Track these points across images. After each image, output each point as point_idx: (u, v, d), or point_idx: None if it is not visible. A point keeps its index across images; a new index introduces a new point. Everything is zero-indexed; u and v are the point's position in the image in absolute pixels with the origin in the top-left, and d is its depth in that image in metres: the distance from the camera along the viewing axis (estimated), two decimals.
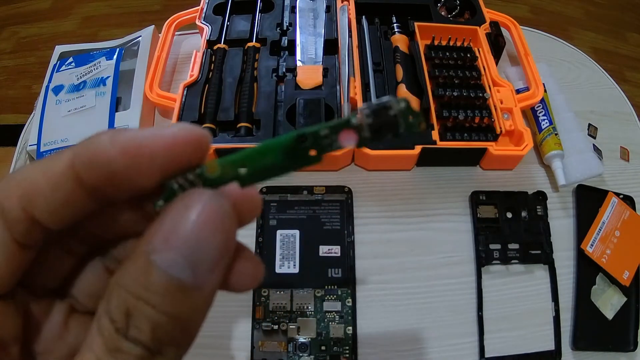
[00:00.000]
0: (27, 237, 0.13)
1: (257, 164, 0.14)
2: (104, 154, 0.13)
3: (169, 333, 0.12)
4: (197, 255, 0.12)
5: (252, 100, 0.49)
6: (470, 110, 0.48)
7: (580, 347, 0.42)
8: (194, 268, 0.12)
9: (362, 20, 0.56)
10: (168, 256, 0.12)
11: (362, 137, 0.14)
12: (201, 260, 0.12)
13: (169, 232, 0.12)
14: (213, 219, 0.13)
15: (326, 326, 0.41)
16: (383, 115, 0.14)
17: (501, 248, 0.45)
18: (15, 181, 0.13)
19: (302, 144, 0.14)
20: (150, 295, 0.12)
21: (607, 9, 1.63)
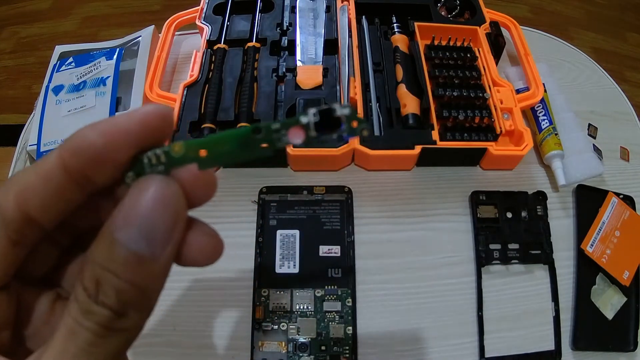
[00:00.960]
0: (21, 236, 0.15)
1: (216, 150, 0.16)
2: (85, 139, 0.15)
3: (131, 298, 0.15)
4: (150, 230, 0.15)
5: (252, 100, 0.49)
6: (470, 110, 0.48)
7: (580, 347, 0.42)
8: (149, 242, 0.14)
9: (362, 20, 0.56)
10: (127, 232, 0.14)
11: (308, 135, 0.16)
12: (154, 234, 0.15)
13: (127, 212, 0.15)
14: (163, 199, 0.15)
15: (326, 326, 0.41)
16: (329, 117, 0.16)
17: (501, 248, 0.45)
18: (11, 182, 0.15)
19: (256, 136, 0.16)
20: (115, 266, 0.14)
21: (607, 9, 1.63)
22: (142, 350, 0.41)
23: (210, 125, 0.47)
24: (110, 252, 0.14)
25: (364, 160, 0.48)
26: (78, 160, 0.15)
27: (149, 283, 0.15)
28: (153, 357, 0.41)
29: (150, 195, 0.15)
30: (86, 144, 0.15)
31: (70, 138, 0.15)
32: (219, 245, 0.18)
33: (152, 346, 0.41)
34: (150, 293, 0.15)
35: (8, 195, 0.15)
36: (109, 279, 0.14)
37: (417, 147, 0.45)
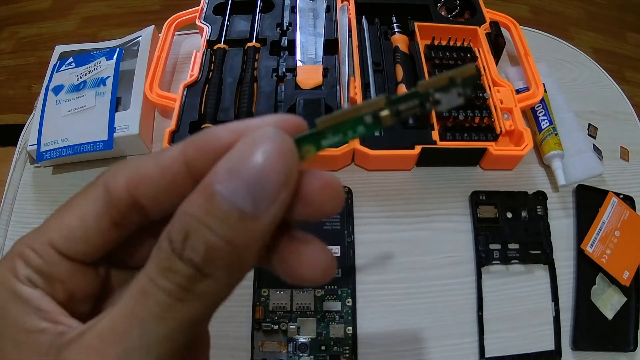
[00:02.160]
0: (124, 219, 0.15)
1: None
2: (215, 136, 0.14)
3: (222, 257, 0.13)
4: (258, 185, 0.13)
5: (252, 100, 0.49)
6: (470, 110, 0.48)
7: (580, 347, 0.42)
8: (255, 197, 0.13)
9: (362, 20, 0.56)
10: (231, 185, 0.13)
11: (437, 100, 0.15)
12: (262, 190, 0.13)
13: (234, 164, 0.13)
14: (277, 152, 0.13)
15: (326, 326, 0.41)
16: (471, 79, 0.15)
17: (501, 248, 0.45)
18: (126, 166, 0.15)
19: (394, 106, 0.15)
20: (210, 219, 0.13)
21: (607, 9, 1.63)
22: None
23: (210, 125, 0.47)
24: (209, 204, 0.13)
25: (364, 160, 0.48)
26: (202, 157, 0.14)
27: (246, 243, 0.13)
28: None
29: (264, 148, 0.13)
30: (216, 140, 0.14)
31: (199, 134, 0.14)
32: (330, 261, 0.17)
33: None
34: (243, 255, 0.13)
35: (118, 177, 0.15)
36: (202, 232, 0.13)
37: (417, 147, 0.45)
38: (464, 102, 0.15)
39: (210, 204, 0.13)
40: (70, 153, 0.47)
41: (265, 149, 0.13)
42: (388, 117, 0.15)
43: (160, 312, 0.13)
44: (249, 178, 0.13)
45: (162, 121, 0.54)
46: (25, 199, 0.49)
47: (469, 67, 0.15)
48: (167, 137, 0.46)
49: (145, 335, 0.13)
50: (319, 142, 0.16)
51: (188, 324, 0.13)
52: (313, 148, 0.16)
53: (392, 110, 0.15)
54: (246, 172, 0.13)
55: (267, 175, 0.13)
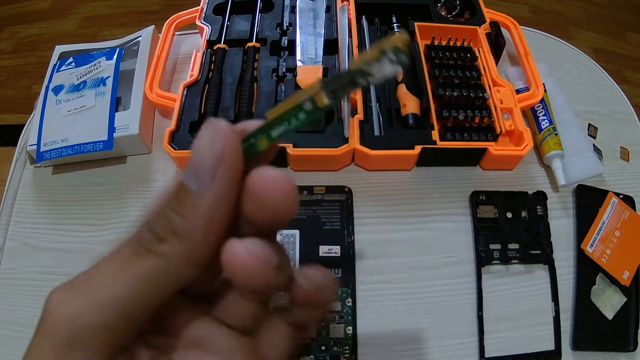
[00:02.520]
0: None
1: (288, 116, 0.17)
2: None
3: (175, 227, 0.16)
4: (197, 165, 0.16)
5: (252, 100, 0.49)
6: (470, 110, 0.48)
7: (580, 347, 0.42)
8: (196, 175, 0.16)
9: (362, 20, 0.56)
10: (186, 172, 0.16)
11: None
12: (201, 169, 0.15)
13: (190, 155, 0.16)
14: (210, 134, 0.16)
15: (326, 326, 0.41)
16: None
17: (501, 248, 0.45)
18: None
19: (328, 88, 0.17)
20: (169, 197, 0.16)
21: (607, 9, 1.63)
22: None
23: None
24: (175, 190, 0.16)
25: (364, 160, 0.48)
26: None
27: (195, 215, 0.15)
28: None
29: (200, 135, 0.16)
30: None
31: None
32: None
33: None
34: (194, 226, 0.16)
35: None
36: (165, 210, 0.16)
37: (417, 147, 0.45)
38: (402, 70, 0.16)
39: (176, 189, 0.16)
40: (70, 153, 0.47)
41: (202, 136, 0.16)
42: (324, 99, 0.16)
43: (126, 263, 0.16)
44: (191, 159, 0.16)
45: (162, 121, 0.54)
46: (25, 199, 0.49)
47: (399, 35, 0.15)
48: (167, 137, 0.46)
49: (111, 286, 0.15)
50: (269, 133, 0.17)
51: (146, 279, 0.15)
52: (265, 138, 0.17)
53: (327, 92, 0.16)
54: (191, 155, 0.16)
55: (203, 156, 0.16)
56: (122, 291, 0.15)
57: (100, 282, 0.16)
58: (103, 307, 0.15)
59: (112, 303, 0.15)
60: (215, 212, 0.16)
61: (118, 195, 0.48)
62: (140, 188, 0.49)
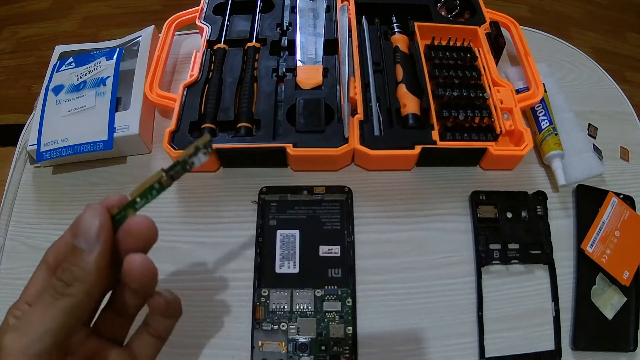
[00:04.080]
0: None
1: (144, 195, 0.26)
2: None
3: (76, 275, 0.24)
4: (85, 233, 0.24)
5: (252, 100, 0.49)
6: (470, 110, 0.48)
7: (580, 347, 0.42)
8: (85, 240, 0.24)
9: (362, 20, 0.56)
10: (77, 238, 0.24)
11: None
12: (88, 235, 0.24)
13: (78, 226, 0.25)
14: (92, 216, 0.25)
15: (326, 326, 0.41)
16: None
17: (501, 248, 0.45)
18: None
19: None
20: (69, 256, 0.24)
21: (607, 9, 1.64)
22: None
23: (210, 125, 0.47)
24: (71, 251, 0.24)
25: (364, 160, 0.48)
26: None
27: (89, 267, 0.24)
28: None
29: (86, 213, 0.25)
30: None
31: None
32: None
33: None
34: (89, 274, 0.24)
35: None
36: (67, 265, 0.24)
37: (417, 147, 0.45)
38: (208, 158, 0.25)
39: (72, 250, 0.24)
40: (70, 153, 0.47)
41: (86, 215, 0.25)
42: (166, 180, 0.26)
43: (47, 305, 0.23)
44: (81, 230, 0.24)
45: (162, 121, 0.54)
46: (25, 199, 0.49)
47: (204, 137, 0.25)
48: (167, 137, 0.46)
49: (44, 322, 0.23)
50: (134, 206, 0.26)
51: (66, 312, 0.23)
52: (132, 210, 0.26)
53: (168, 175, 0.25)
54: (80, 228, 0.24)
55: (89, 228, 0.24)
56: (52, 324, 0.23)
57: (35, 321, 0.23)
58: (42, 337, 0.22)
59: (47, 333, 0.22)
60: (100, 262, 0.24)
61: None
62: None
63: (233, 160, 0.49)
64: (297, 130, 0.47)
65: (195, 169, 0.26)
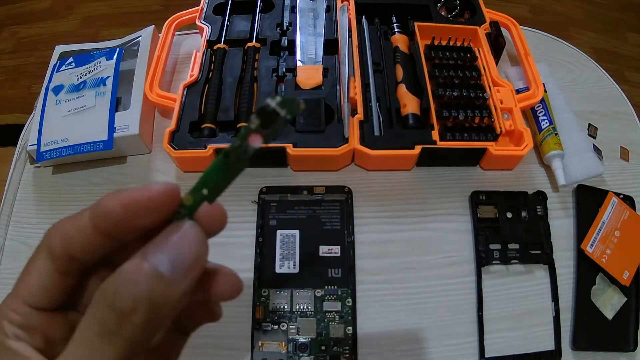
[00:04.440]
0: (67, 269, 0.19)
1: (211, 183, 0.20)
2: (108, 207, 0.18)
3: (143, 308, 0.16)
4: (176, 258, 0.17)
5: (252, 100, 0.49)
6: (470, 110, 0.48)
7: (580, 347, 0.42)
8: (173, 267, 0.17)
9: (362, 20, 0.56)
10: (157, 255, 0.17)
11: (264, 135, 0.19)
12: (179, 263, 0.17)
13: (160, 242, 0.18)
14: (191, 237, 0.19)
15: (326, 326, 0.41)
16: (266, 112, 0.18)
17: (501, 248, 0.45)
18: (57, 228, 0.19)
19: (228, 159, 0.19)
20: (139, 278, 0.16)
21: (607, 9, 1.63)
22: None
23: (210, 125, 0.47)
24: (138, 267, 0.17)
25: (364, 160, 0.48)
26: (104, 223, 0.18)
27: (164, 301, 0.17)
28: None
29: (181, 233, 0.18)
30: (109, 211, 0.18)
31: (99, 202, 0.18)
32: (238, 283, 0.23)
33: None
34: (161, 312, 0.17)
35: (55, 238, 0.19)
36: (130, 287, 0.16)
37: (417, 147, 0.45)
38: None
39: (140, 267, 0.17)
40: (70, 153, 0.47)
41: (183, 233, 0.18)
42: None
43: (92, 352, 0.16)
44: (170, 252, 0.17)
45: (162, 121, 0.54)
46: (25, 199, 0.49)
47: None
48: (167, 137, 0.46)
49: None
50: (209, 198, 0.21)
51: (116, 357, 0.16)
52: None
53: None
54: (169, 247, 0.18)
55: (184, 252, 0.18)
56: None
57: None
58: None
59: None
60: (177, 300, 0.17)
61: None
62: None
63: None
64: (297, 130, 0.47)
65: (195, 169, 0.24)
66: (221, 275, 0.22)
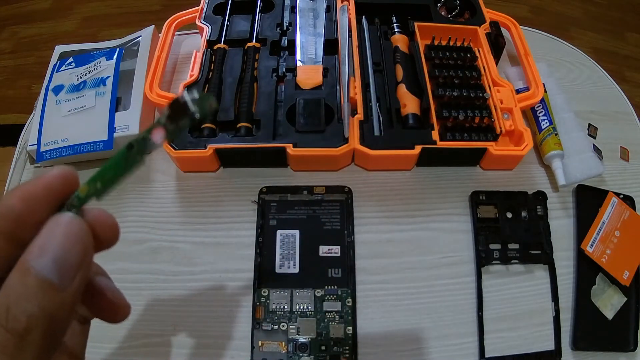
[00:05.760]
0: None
1: (107, 177, 0.19)
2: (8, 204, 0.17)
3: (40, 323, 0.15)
4: (62, 260, 0.16)
5: (252, 100, 0.49)
6: (470, 110, 0.48)
7: (580, 347, 0.42)
8: (60, 271, 0.16)
9: (362, 20, 0.56)
10: (42, 261, 0.16)
11: (168, 130, 0.18)
12: (65, 265, 0.16)
13: (42, 244, 0.16)
14: (74, 233, 0.17)
15: (326, 326, 0.41)
16: (178, 105, 0.18)
17: (501, 248, 0.45)
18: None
19: (131, 151, 0.18)
20: (27, 291, 0.15)
21: (607, 9, 1.63)
22: (142, 351, 0.41)
23: (210, 125, 0.47)
24: (24, 279, 0.16)
25: (364, 160, 0.48)
26: (5, 223, 0.17)
27: (58, 310, 0.16)
28: (153, 357, 0.41)
29: (63, 230, 0.17)
30: (9, 207, 0.17)
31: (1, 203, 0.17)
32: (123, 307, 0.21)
33: (152, 346, 0.41)
34: (57, 322, 0.16)
35: None
36: (21, 303, 0.15)
37: (417, 147, 0.45)
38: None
39: (26, 278, 0.16)
40: (70, 153, 0.47)
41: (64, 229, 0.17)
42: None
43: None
44: (54, 254, 0.16)
45: None
46: None
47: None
48: None
49: None
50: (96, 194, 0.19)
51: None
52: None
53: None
54: (52, 248, 0.16)
55: (68, 252, 0.17)
56: None
57: None
58: None
59: None
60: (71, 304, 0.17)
61: (118, 195, 0.48)
62: (140, 188, 0.49)
63: (233, 160, 0.49)
64: (297, 130, 0.47)
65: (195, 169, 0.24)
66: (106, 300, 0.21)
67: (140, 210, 0.47)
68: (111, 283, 0.22)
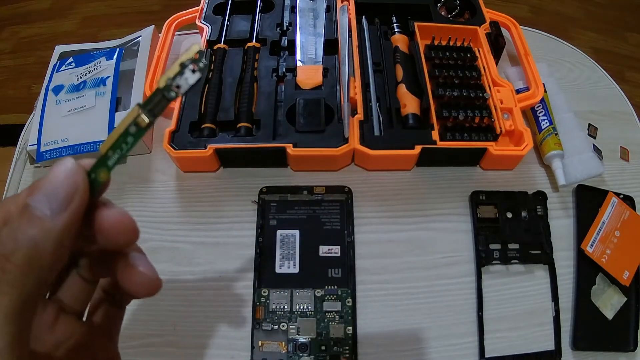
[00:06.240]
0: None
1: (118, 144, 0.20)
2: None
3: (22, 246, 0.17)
4: (51, 194, 0.18)
5: (252, 100, 0.49)
6: (470, 110, 0.48)
7: (580, 347, 0.42)
8: (50, 204, 0.18)
9: (362, 20, 0.56)
10: (35, 196, 0.18)
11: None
12: (54, 198, 0.18)
13: (38, 182, 0.18)
14: (65, 171, 0.18)
15: (326, 326, 0.41)
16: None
17: (501, 248, 0.45)
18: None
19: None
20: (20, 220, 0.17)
21: (607, 9, 1.63)
22: (142, 351, 0.41)
23: (210, 125, 0.47)
24: (21, 212, 0.17)
25: (364, 160, 0.48)
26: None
27: (43, 239, 0.17)
28: (153, 357, 0.41)
29: (56, 169, 0.18)
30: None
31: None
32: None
33: (152, 346, 0.41)
34: (41, 252, 0.17)
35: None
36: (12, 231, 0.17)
37: (417, 147, 0.45)
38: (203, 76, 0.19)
39: (22, 211, 0.17)
40: (70, 153, 0.47)
41: (58, 169, 0.18)
42: (145, 119, 0.19)
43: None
44: (45, 188, 0.18)
45: (162, 121, 0.54)
46: None
47: (192, 47, 0.19)
48: (167, 137, 0.46)
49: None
50: (106, 164, 0.20)
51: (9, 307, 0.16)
52: (105, 170, 0.20)
53: (146, 112, 0.19)
54: (44, 184, 0.18)
55: (58, 187, 0.18)
56: None
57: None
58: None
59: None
60: (64, 239, 0.18)
61: (118, 195, 0.48)
62: (140, 188, 0.49)
63: (233, 160, 0.49)
64: (297, 130, 0.47)
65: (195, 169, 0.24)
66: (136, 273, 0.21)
67: (140, 210, 0.47)
68: (144, 258, 0.22)
